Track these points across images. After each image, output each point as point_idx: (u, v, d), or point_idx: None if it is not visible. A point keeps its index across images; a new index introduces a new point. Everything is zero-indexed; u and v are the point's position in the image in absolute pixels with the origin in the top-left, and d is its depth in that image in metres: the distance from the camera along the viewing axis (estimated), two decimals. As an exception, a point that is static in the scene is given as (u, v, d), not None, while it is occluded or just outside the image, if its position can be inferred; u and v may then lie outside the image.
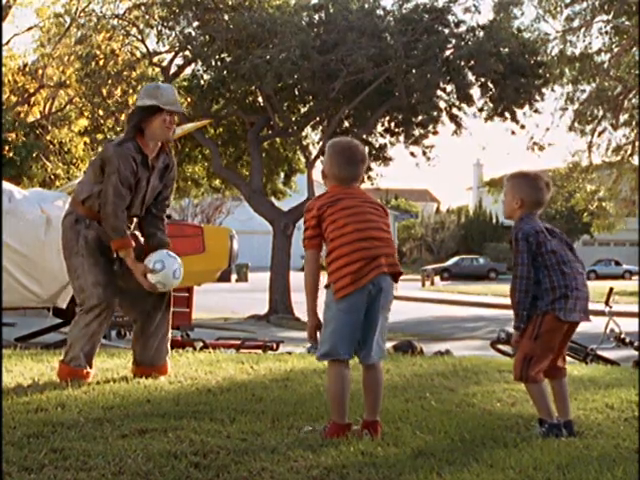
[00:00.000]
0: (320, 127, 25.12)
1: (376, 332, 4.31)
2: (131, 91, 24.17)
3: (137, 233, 6.16)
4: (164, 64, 24.54)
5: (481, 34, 22.82)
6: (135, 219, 6.10)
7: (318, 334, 4.33)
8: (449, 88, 23.79)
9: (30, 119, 26.25)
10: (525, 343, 4.57)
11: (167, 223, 6.33)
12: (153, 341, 6.08)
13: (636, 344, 11.23)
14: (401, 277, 4.44)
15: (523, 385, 4.80)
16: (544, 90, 23.83)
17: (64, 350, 5.99)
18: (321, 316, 4.32)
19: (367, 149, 25.84)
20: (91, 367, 5.90)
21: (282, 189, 28.35)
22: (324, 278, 4.33)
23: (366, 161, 4.54)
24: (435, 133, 24.90)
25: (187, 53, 23.88)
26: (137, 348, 6.12)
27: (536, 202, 4.70)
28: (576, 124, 25.09)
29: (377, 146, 25.93)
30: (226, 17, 22.65)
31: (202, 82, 24.13)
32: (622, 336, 11.44)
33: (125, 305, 6.18)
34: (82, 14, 24.26)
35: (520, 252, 4.55)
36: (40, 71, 26.32)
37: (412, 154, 25.40)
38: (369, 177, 26.26)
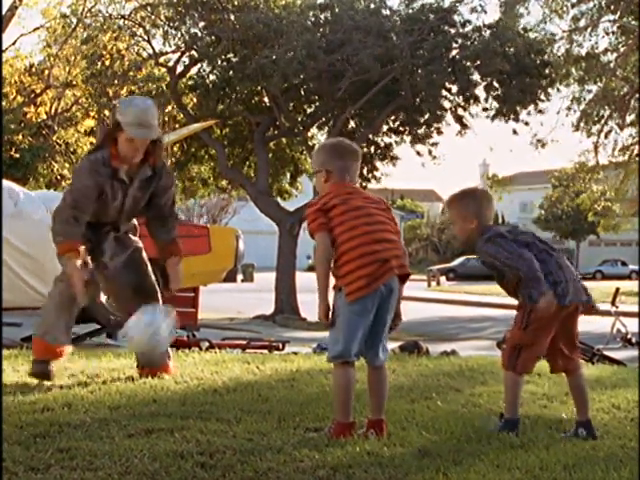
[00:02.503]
0: (326, 127, 25.11)
1: (384, 333, 4.32)
2: (137, 91, 24.20)
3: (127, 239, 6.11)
4: (170, 64, 24.56)
5: (487, 34, 22.80)
6: (122, 226, 6.03)
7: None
8: (455, 88, 23.78)
9: (36, 119, 26.30)
10: (515, 333, 4.53)
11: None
12: None
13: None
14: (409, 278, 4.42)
15: (529, 385, 4.80)
16: (550, 90, 23.82)
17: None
18: (330, 301, 4.30)
19: (373, 148, 25.85)
20: (68, 343, 5.85)
21: (288, 189, 28.36)
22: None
23: (358, 154, 4.50)
24: (440, 133, 24.89)
25: (193, 53, 23.90)
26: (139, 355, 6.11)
27: (489, 214, 4.58)
28: (582, 124, 25.04)
29: (383, 145, 25.92)
30: (232, 17, 22.66)
31: (208, 82, 24.14)
32: (628, 336, 11.45)
33: (118, 308, 6.17)
34: (88, 14, 24.29)
35: (503, 247, 4.38)
36: (46, 71, 26.36)
37: (418, 153, 25.41)
38: (374, 176, 26.26)
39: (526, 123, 23.94)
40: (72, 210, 5.59)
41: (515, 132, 24.16)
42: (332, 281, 4.30)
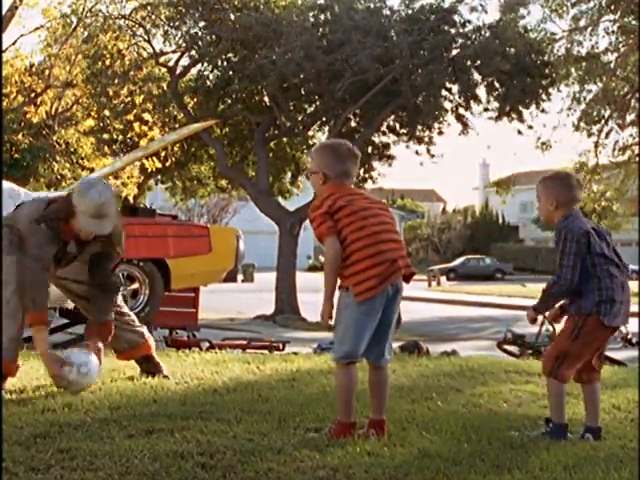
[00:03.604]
0: (327, 127, 25.12)
1: (390, 333, 4.32)
2: (137, 91, 24.19)
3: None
4: (170, 64, 24.56)
5: (487, 34, 22.80)
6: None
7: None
8: (455, 88, 23.77)
9: (36, 119, 26.28)
10: (563, 342, 4.53)
11: (174, 223, 6.30)
12: (119, 330, 6.05)
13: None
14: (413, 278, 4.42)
15: (530, 385, 4.80)
16: (550, 90, 23.80)
17: None
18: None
19: (371, 148, 25.84)
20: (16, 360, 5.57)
21: (289, 188, 28.37)
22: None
23: (357, 158, 4.49)
24: (441, 133, 24.88)
25: (193, 53, 23.91)
26: (112, 343, 6.10)
27: (570, 200, 4.61)
28: (582, 124, 25.02)
29: (380, 145, 25.91)
30: (232, 17, 22.67)
31: (208, 82, 24.15)
32: (629, 336, 11.43)
33: (81, 307, 6.20)
34: (89, 14, 24.27)
35: (567, 253, 4.44)
36: (47, 71, 26.34)
37: (417, 152, 25.42)
38: (370, 176, 26.25)
39: (530, 127, 23.95)
40: (37, 263, 5.43)
41: (520, 132, 24.13)
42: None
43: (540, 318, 4.69)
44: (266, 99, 24.61)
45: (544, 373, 4.63)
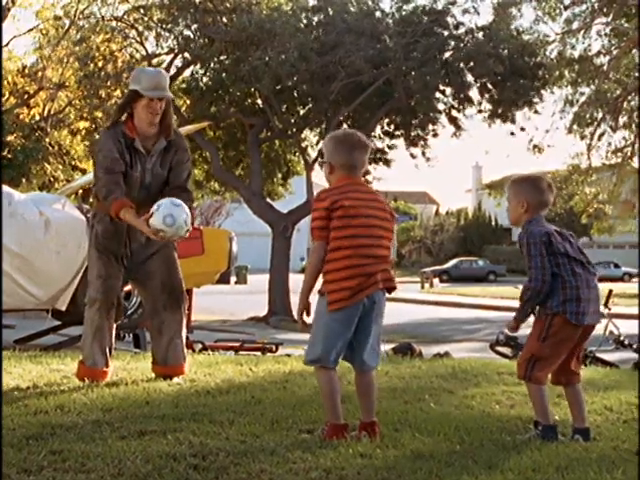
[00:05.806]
0: (318, 129, 25.11)
1: (369, 340, 4.32)
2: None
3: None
4: (163, 66, 24.53)
5: (480, 36, 22.84)
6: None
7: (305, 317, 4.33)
8: (448, 90, 23.80)
9: (29, 120, 26.24)
10: (532, 343, 4.52)
11: None
12: (164, 341, 6.15)
13: (635, 346, 11.23)
14: (394, 291, 4.42)
15: (522, 387, 4.78)
16: (543, 92, 23.86)
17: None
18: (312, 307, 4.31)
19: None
20: (107, 365, 5.97)
21: (278, 190, 28.36)
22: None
23: (369, 147, 4.50)
24: (435, 135, 24.91)
25: (186, 55, 23.90)
26: (153, 347, 6.24)
27: (541, 203, 4.60)
28: (575, 126, 25.06)
29: (376, 148, 25.91)
30: (225, 19, 22.66)
31: (201, 84, 24.13)
32: (621, 338, 11.44)
33: (142, 300, 6.31)
34: (81, 16, 24.24)
35: (533, 256, 4.44)
36: (39, 73, 26.30)
37: (412, 155, 25.44)
38: (366, 180, 26.24)
39: (522, 129, 23.99)
40: (107, 176, 5.76)
41: (513, 134, 24.19)
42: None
43: (532, 320, 4.67)
44: (259, 101, 24.60)
45: (519, 377, 4.63)
